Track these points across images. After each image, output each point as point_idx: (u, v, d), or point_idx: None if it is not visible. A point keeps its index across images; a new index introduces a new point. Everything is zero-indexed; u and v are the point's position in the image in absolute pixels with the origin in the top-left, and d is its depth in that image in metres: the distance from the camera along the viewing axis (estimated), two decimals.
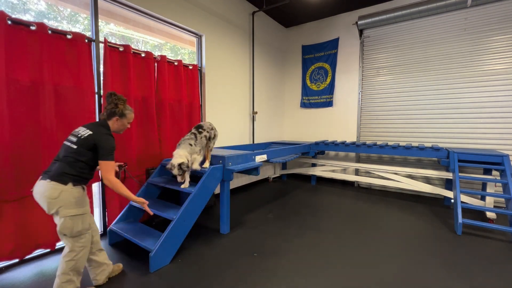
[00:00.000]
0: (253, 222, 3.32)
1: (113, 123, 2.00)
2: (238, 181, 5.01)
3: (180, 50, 4.19)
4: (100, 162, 1.83)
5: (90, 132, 1.83)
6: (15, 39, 2.19)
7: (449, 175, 3.92)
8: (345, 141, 5.04)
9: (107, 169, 1.84)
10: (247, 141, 5.21)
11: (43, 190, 1.73)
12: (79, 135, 1.83)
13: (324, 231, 3.06)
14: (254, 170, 3.25)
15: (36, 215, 2.36)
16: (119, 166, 2.50)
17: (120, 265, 2.26)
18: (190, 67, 3.83)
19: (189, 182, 3.02)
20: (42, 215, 2.39)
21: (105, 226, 2.97)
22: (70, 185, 1.76)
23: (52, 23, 2.75)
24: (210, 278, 2.13)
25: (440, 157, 3.84)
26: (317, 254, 2.52)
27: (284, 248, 2.64)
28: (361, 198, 4.49)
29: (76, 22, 2.99)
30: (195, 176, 3.45)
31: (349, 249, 2.64)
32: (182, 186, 2.72)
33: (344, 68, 5.49)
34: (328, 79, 5.70)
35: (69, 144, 1.83)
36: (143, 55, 3.18)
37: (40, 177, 1.81)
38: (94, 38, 2.76)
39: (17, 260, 2.30)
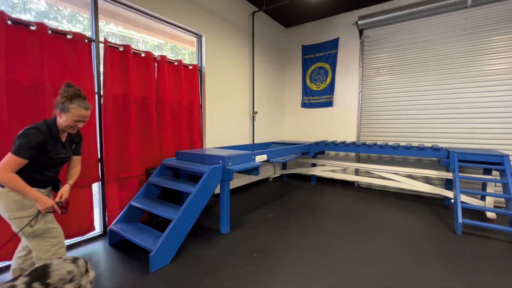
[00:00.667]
0: (253, 222, 3.32)
1: (56, 119, 1.69)
2: (238, 181, 5.01)
3: (181, 50, 4.19)
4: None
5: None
6: (15, 39, 2.19)
7: (449, 175, 3.92)
8: (345, 141, 5.04)
9: (5, 163, 1.51)
10: (247, 141, 5.21)
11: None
12: None
13: (324, 231, 3.06)
14: (254, 170, 3.25)
15: None
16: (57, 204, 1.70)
17: None
18: (190, 67, 3.83)
19: (189, 182, 3.03)
20: None
21: (105, 226, 2.97)
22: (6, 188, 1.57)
23: (52, 23, 2.76)
24: (210, 278, 2.13)
25: (440, 157, 3.84)
26: (317, 254, 2.52)
27: (284, 248, 2.64)
28: (361, 198, 4.49)
29: (76, 22, 2.99)
30: (195, 176, 3.46)
31: (349, 249, 2.64)
32: None
33: (344, 68, 5.49)
34: (328, 79, 5.70)
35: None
36: (143, 55, 3.18)
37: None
38: (94, 38, 2.76)
39: None
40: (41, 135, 1.59)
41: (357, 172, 5.30)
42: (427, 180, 4.58)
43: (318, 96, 5.88)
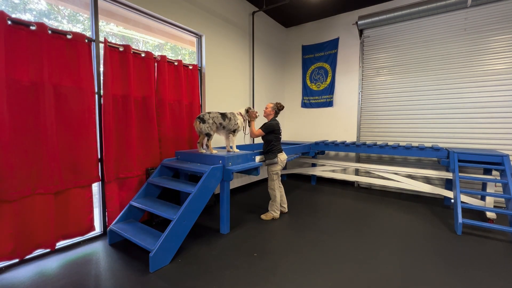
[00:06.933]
0: (253, 222, 3.32)
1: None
2: (238, 181, 5.01)
3: (181, 50, 4.19)
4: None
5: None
6: (15, 39, 2.19)
7: (449, 175, 3.92)
8: (345, 141, 5.04)
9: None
10: (247, 141, 5.20)
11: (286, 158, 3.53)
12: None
13: (324, 231, 3.06)
14: (254, 170, 3.25)
15: (36, 215, 2.36)
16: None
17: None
18: (190, 67, 3.83)
19: (189, 182, 3.03)
20: (42, 215, 2.39)
21: (105, 226, 2.97)
22: None
23: (52, 23, 2.76)
24: (210, 278, 2.13)
25: (440, 157, 3.84)
26: (317, 254, 2.52)
27: (284, 248, 2.64)
28: (361, 198, 4.48)
29: (76, 22, 2.99)
30: (195, 176, 3.46)
31: (349, 249, 2.64)
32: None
33: (344, 68, 5.49)
34: (328, 79, 5.70)
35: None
36: (143, 55, 3.18)
37: (283, 151, 3.45)
38: (94, 38, 2.76)
39: (17, 260, 2.30)
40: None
41: (357, 172, 5.30)
42: (427, 180, 4.58)
43: (318, 96, 5.88)
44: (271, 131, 3.33)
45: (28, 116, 2.30)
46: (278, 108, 3.46)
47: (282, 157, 3.41)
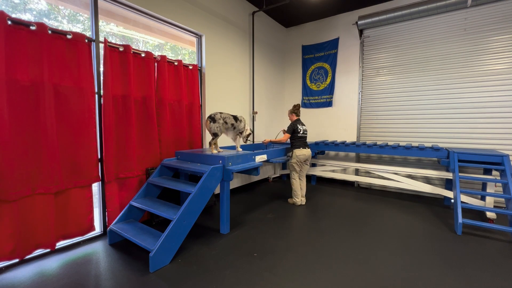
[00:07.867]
0: (253, 222, 3.32)
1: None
2: (238, 181, 5.01)
3: (181, 50, 4.19)
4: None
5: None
6: (15, 39, 2.19)
7: (449, 175, 3.92)
8: (345, 141, 5.04)
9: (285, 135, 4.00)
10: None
11: (310, 153, 3.94)
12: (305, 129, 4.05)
13: (324, 231, 3.06)
14: (254, 170, 3.25)
15: (36, 215, 2.36)
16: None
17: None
18: (190, 67, 3.83)
19: (189, 182, 3.03)
20: (42, 215, 2.39)
21: (105, 226, 2.97)
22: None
23: (52, 23, 2.76)
24: (210, 278, 2.13)
25: (440, 157, 3.84)
26: (317, 254, 2.52)
27: (284, 248, 2.64)
28: (361, 198, 4.49)
29: (77, 22, 2.98)
30: (195, 176, 3.46)
31: (349, 249, 2.64)
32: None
33: (344, 68, 5.49)
34: (328, 79, 5.70)
35: (306, 134, 4.03)
36: (143, 55, 3.18)
37: (306, 147, 3.93)
38: (94, 38, 2.76)
39: (17, 260, 2.30)
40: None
41: (357, 172, 5.30)
42: (427, 180, 4.58)
43: (318, 96, 5.88)
44: (292, 131, 3.94)
45: (28, 116, 2.30)
46: (295, 108, 4.09)
47: (298, 152, 3.87)
